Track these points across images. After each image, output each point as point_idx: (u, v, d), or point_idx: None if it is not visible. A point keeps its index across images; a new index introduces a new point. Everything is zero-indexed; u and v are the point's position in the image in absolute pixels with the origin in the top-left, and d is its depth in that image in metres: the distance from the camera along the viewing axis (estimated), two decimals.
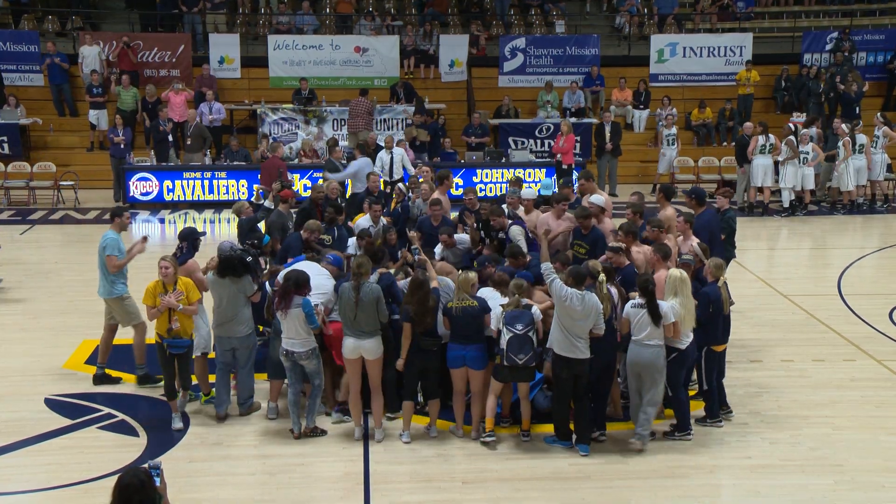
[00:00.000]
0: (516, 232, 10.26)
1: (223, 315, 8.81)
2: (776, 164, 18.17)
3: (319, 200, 11.57)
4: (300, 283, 8.35)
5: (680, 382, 8.45)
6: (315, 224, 10.23)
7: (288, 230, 10.93)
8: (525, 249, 9.77)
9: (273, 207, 11.48)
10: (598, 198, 10.77)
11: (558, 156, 18.68)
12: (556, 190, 12.29)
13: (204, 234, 9.71)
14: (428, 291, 8.30)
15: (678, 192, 13.55)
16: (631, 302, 8.27)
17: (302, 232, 10.20)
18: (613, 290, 8.47)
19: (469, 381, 8.42)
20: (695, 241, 9.84)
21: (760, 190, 18.29)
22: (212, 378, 9.15)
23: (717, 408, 8.88)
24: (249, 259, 8.83)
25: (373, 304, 8.29)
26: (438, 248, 10.37)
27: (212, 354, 9.19)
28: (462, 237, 10.70)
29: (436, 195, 11.47)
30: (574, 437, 8.36)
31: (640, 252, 9.34)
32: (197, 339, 8.99)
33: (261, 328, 9.98)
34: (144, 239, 9.84)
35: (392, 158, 16.69)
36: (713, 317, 8.59)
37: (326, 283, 8.84)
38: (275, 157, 16.25)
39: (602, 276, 8.31)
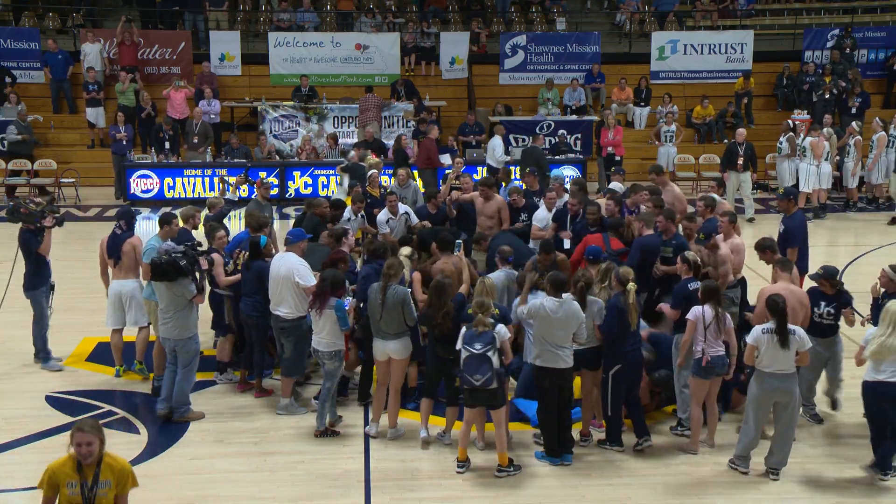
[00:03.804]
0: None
1: (164, 316, 8.68)
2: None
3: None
4: (336, 285, 8.37)
5: (886, 419, 7.71)
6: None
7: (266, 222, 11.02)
8: None
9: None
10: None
11: (609, 149, 18.87)
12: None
13: (139, 212, 9.57)
14: (447, 298, 8.15)
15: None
16: (761, 327, 7.72)
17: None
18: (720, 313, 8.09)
19: None
20: (738, 239, 9.82)
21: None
22: None
23: None
24: (183, 263, 8.43)
25: (398, 306, 8.26)
26: None
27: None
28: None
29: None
30: (560, 448, 8.23)
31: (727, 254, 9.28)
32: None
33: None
34: None
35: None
36: None
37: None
38: (429, 138, 17.11)
39: (631, 285, 8.10)
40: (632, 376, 8.27)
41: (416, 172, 16.35)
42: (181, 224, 10.01)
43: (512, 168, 16.20)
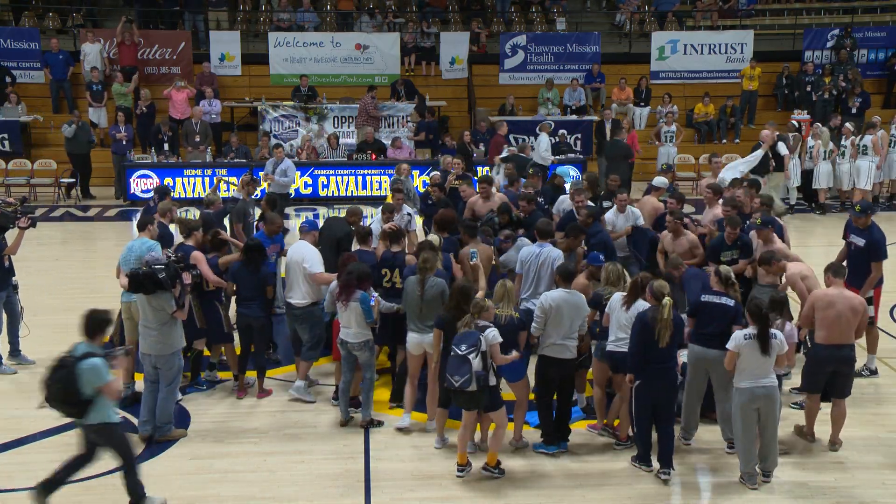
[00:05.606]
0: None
1: (146, 330, 8.32)
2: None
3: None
4: (362, 277, 8.43)
5: None
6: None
7: (250, 216, 11.36)
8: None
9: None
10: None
11: None
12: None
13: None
14: (469, 301, 7.96)
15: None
16: (743, 332, 7.54)
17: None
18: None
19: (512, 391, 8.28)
20: (778, 243, 9.81)
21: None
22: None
23: None
24: (162, 276, 8.02)
25: (437, 298, 8.32)
26: None
27: None
28: None
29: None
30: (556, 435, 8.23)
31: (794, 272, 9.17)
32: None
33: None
34: None
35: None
36: None
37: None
38: (498, 135, 17.74)
39: (667, 300, 7.63)
40: (656, 396, 7.74)
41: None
42: (158, 218, 9.99)
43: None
